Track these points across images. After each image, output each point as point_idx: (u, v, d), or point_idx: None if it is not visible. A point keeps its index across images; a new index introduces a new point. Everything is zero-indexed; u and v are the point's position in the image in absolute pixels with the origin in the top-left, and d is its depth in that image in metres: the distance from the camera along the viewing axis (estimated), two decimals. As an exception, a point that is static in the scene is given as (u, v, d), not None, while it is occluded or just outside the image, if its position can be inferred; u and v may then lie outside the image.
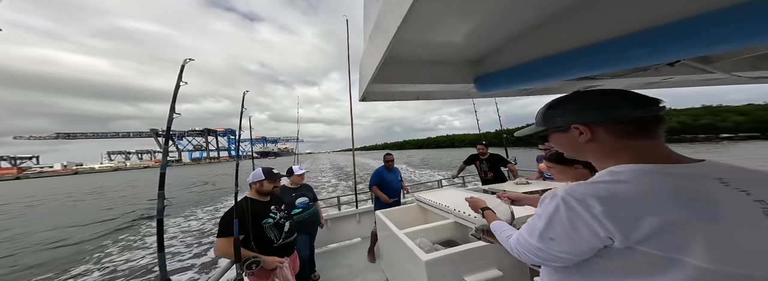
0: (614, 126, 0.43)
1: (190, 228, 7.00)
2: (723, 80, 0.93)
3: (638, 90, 0.45)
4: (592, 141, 0.45)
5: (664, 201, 0.35)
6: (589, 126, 0.45)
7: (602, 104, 0.44)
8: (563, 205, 0.40)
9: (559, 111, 0.49)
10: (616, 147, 0.44)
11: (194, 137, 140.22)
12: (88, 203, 13.21)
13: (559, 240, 0.41)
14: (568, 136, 0.48)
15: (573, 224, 0.39)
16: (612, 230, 0.36)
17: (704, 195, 0.35)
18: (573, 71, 0.59)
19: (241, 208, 1.29)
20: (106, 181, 32.79)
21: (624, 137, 0.43)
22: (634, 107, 0.42)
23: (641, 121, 0.42)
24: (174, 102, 0.89)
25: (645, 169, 0.39)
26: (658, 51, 0.45)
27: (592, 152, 0.47)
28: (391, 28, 0.43)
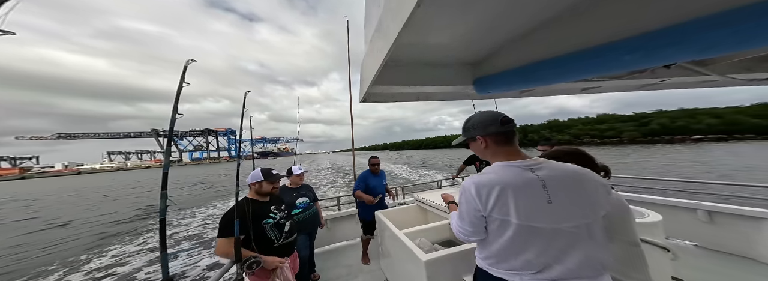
0: (494, 137, 0.71)
1: (190, 226, 7.01)
2: (718, 81, 0.94)
3: (635, 92, 0.48)
4: (487, 147, 0.72)
5: (500, 183, 0.62)
6: (484, 137, 0.72)
7: (488, 121, 0.71)
8: (463, 190, 0.68)
9: (471, 126, 0.75)
10: (495, 151, 0.72)
11: (195, 138, 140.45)
12: (123, 200, 14.13)
13: (465, 217, 0.68)
14: (477, 144, 0.74)
15: (468, 201, 0.66)
16: (479, 204, 0.63)
17: (519, 179, 0.63)
18: (569, 75, 0.60)
19: (242, 208, 1.29)
20: (116, 180, 33.10)
21: (496, 144, 0.71)
22: (500, 125, 0.69)
23: (502, 134, 0.70)
24: (177, 103, 0.90)
25: (501, 164, 0.68)
26: (649, 56, 0.47)
27: (488, 153, 0.73)
28: (392, 32, 0.44)
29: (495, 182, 0.62)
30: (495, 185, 0.62)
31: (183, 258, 4.86)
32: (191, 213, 8.70)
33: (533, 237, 0.59)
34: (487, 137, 0.71)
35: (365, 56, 0.77)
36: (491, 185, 0.62)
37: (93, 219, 9.11)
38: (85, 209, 11.25)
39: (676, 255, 1.00)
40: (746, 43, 0.36)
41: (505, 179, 0.62)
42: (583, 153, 0.81)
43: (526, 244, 0.60)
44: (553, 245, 0.58)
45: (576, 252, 0.58)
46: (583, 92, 1.10)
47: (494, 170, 0.67)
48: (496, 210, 0.61)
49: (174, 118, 0.89)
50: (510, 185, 0.61)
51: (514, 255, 0.61)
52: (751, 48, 0.35)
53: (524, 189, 0.61)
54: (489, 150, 0.72)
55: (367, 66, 0.74)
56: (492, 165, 0.69)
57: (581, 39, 0.55)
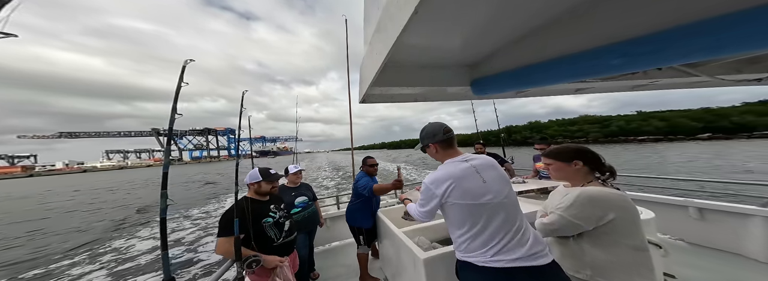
0: (438, 144, 0.95)
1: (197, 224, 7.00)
2: (708, 82, 0.97)
3: (627, 92, 0.50)
4: (437, 152, 0.97)
5: (448, 175, 0.87)
6: (433, 144, 0.97)
7: (435, 132, 0.95)
8: (423, 185, 0.92)
9: (424, 137, 0.99)
10: (443, 154, 0.96)
11: (194, 137, 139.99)
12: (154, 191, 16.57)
13: (426, 204, 0.93)
14: (431, 149, 0.98)
15: (426, 192, 0.91)
16: (435, 191, 0.87)
17: (459, 170, 0.88)
18: (562, 77, 0.62)
19: (241, 207, 1.30)
20: (125, 178, 33.73)
21: (443, 149, 0.96)
22: (442, 134, 0.94)
23: (445, 140, 0.95)
24: (176, 103, 0.90)
25: (446, 162, 0.94)
26: (636, 61, 0.49)
27: (439, 157, 0.97)
28: (391, 35, 0.45)
29: (447, 176, 0.86)
30: (447, 178, 0.86)
31: (185, 256, 4.87)
32: (205, 211, 8.75)
33: (479, 211, 0.82)
34: (436, 144, 0.95)
35: (365, 58, 0.78)
36: (445, 179, 0.86)
37: (134, 202, 11.84)
38: (125, 197, 13.89)
39: (668, 252, 1.03)
40: (727, 49, 0.38)
41: (453, 172, 0.87)
42: (588, 150, 0.83)
43: (480, 218, 0.81)
44: (493, 215, 0.81)
45: (511, 217, 0.82)
46: (577, 93, 1.12)
47: (444, 167, 0.92)
48: (451, 196, 0.84)
49: (173, 117, 0.89)
50: (457, 175, 0.86)
51: (476, 230, 0.82)
52: (732, 54, 0.37)
53: (468, 177, 0.86)
54: (439, 154, 0.97)
55: (367, 67, 0.75)
56: (442, 165, 0.94)
57: (573, 43, 0.57)
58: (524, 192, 2.20)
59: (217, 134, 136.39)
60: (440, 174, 0.88)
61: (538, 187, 2.28)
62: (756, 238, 1.70)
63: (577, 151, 0.82)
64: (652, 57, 0.45)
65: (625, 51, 0.48)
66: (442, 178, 0.86)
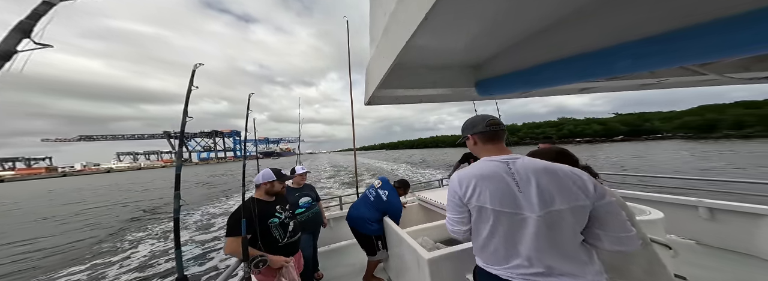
0: (480, 135, 0.80)
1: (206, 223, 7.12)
2: (717, 80, 0.95)
3: (635, 91, 0.50)
4: (475, 144, 0.83)
5: (473, 173, 0.73)
6: (472, 136, 0.82)
7: (476, 123, 0.81)
8: (451, 182, 0.78)
9: (464, 127, 0.86)
10: (481, 149, 0.81)
11: (203, 138, 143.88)
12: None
13: (449, 204, 0.78)
14: (469, 142, 0.85)
15: (452, 191, 0.76)
16: (461, 194, 0.73)
17: (495, 172, 0.71)
18: (569, 77, 0.62)
19: (248, 208, 1.32)
20: (148, 177, 36.84)
21: (482, 142, 0.81)
22: (485, 126, 0.79)
23: (486, 133, 0.79)
24: (186, 106, 0.92)
25: (483, 159, 0.77)
26: (644, 61, 0.49)
27: (477, 151, 0.83)
28: (400, 40, 0.46)
29: (475, 174, 0.72)
30: (475, 176, 0.72)
31: (198, 254, 4.93)
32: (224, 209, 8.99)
33: (506, 222, 0.67)
34: (475, 135, 0.82)
35: (371, 60, 0.79)
36: (471, 177, 0.73)
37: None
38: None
39: (677, 253, 1.02)
40: (736, 49, 0.38)
41: (483, 171, 0.72)
42: (568, 152, 0.83)
43: (503, 230, 0.67)
44: (525, 232, 0.64)
45: (545, 240, 0.62)
46: (582, 92, 1.11)
47: (478, 164, 0.77)
48: (474, 199, 0.70)
49: (185, 120, 0.91)
50: (487, 176, 0.71)
51: (495, 242, 0.69)
52: (741, 54, 0.37)
53: (498, 180, 0.70)
54: (477, 147, 0.83)
55: (373, 70, 0.76)
56: (478, 161, 0.79)
57: (580, 44, 0.57)
58: None
59: (224, 136, 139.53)
60: (466, 171, 0.74)
61: None
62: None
63: (559, 153, 0.83)
64: (661, 57, 0.45)
65: (633, 51, 0.48)
66: (466, 175, 0.72)
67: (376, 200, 2.01)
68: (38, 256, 5.74)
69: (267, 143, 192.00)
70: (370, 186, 2.15)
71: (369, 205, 2.02)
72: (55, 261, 5.32)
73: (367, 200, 2.06)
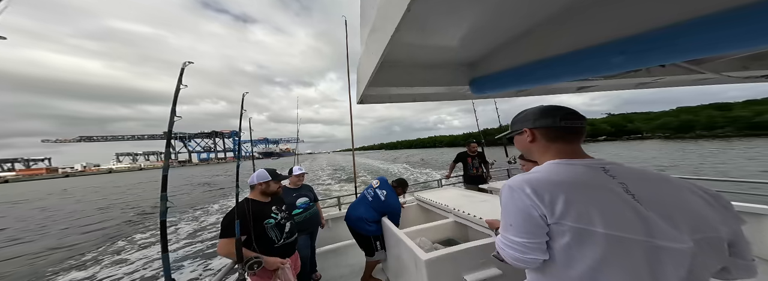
0: (545, 131, 0.59)
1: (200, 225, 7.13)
2: (714, 79, 0.94)
3: (631, 90, 0.49)
4: (533, 141, 0.61)
5: (567, 184, 0.48)
6: (532, 130, 0.60)
7: (542, 114, 0.59)
8: (509, 192, 0.52)
9: (519, 118, 0.64)
10: (546, 147, 0.59)
11: (203, 139, 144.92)
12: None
13: (516, 224, 0.50)
14: (522, 137, 0.63)
15: (517, 205, 0.50)
16: (541, 207, 0.47)
17: (594, 180, 0.49)
18: (562, 75, 0.61)
19: (242, 209, 1.30)
20: (150, 177, 39.06)
21: (550, 140, 0.58)
22: (560, 119, 0.57)
23: (562, 129, 0.57)
24: (175, 105, 0.91)
25: (556, 162, 0.55)
26: (639, 58, 0.48)
27: (533, 150, 0.62)
28: (385, 34, 0.45)
29: (559, 182, 0.48)
30: (561, 185, 0.47)
31: (188, 257, 4.92)
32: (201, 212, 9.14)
33: (628, 253, 0.41)
34: (538, 130, 0.58)
35: (361, 58, 0.77)
36: (555, 185, 0.47)
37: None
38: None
39: None
40: (728, 46, 0.37)
41: (573, 178, 0.48)
42: None
43: (626, 265, 0.41)
44: (662, 269, 0.40)
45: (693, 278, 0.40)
46: (579, 91, 1.10)
47: (547, 169, 0.53)
48: (571, 217, 0.43)
49: (172, 120, 0.90)
50: (581, 185, 0.46)
51: (608, 279, 0.41)
52: (734, 51, 0.36)
53: (602, 192, 0.45)
54: (536, 145, 0.59)
55: (363, 68, 0.74)
56: (543, 164, 0.56)
57: (573, 40, 0.56)
58: None
59: (224, 137, 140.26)
60: (543, 177, 0.50)
61: None
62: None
63: None
64: (652, 54, 0.44)
65: (624, 49, 0.47)
66: (544, 183, 0.48)
67: (374, 201, 1.99)
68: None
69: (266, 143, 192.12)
70: (368, 186, 2.12)
71: (367, 205, 2.00)
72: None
73: (365, 200, 2.04)
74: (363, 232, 1.97)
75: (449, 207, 1.73)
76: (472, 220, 1.48)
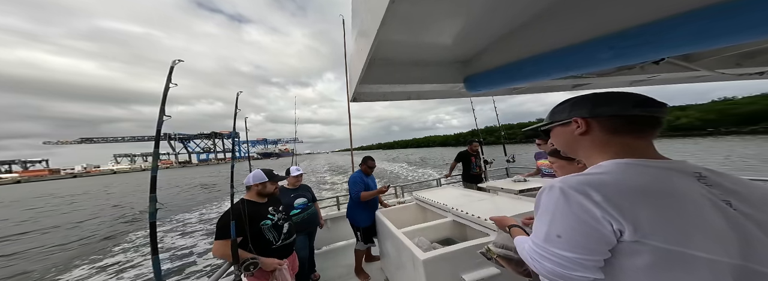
0: (608, 121, 0.46)
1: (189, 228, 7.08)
2: (708, 77, 0.94)
3: (625, 88, 0.49)
4: (585, 134, 0.48)
5: (650, 192, 0.37)
6: (586, 119, 0.47)
7: (605, 100, 0.46)
8: (562, 196, 0.40)
9: (565, 106, 0.51)
10: (606, 142, 0.46)
11: (202, 140, 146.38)
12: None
13: (567, 237, 0.39)
14: (567, 129, 0.50)
15: (576, 214, 0.38)
16: (618, 220, 0.36)
17: (686, 189, 0.38)
18: (553, 71, 0.60)
19: (238, 210, 1.29)
20: (166, 176, 39.44)
21: (614, 132, 0.45)
22: (632, 106, 0.44)
23: (634, 119, 0.44)
24: (164, 104, 0.89)
25: (629, 162, 0.42)
26: (622, 54, 0.47)
27: (584, 145, 0.49)
28: (371, 30, 0.44)
29: (642, 189, 0.37)
30: (646, 193, 0.36)
31: (181, 260, 4.88)
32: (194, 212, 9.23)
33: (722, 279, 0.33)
34: (595, 119, 0.45)
35: (352, 55, 0.76)
36: (637, 192, 0.36)
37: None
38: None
39: None
40: (717, 40, 0.36)
41: (661, 185, 0.37)
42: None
43: None
44: None
45: None
46: (574, 89, 1.10)
47: (615, 169, 0.40)
48: (660, 235, 0.34)
49: (161, 119, 0.88)
50: (672, 195, 0.36)
51: None
52: (723, 45, 0.36)
53: (701, 206, 0.35)
54: (589, 139, 0.47)
55: (354, 65, 0.73)
56: (602, 164, 0.43)
57: (563, 35, 0.55)
58: (526, 191, 2.18)
59: (223, 138, 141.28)
60: (616, 179, 0.39)
61: (540, 185, 2.26)
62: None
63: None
64: (640, 50, 0.43)
65: (611, 44, 0.46)
66: (616, 189, 0.38)
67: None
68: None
69: (266, 143, 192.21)
70: None
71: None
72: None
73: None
74: (348, 219, 2.20)
75: (448, 206, 1.73)
76: (470, 219, 1.48)
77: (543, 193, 0.45)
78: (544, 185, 0.46)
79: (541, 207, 0.44)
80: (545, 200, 0.43)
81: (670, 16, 0.40)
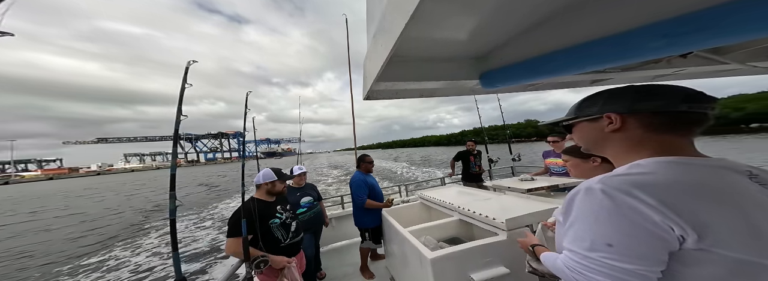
0: (649, 117, 0.41)
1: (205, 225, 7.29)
2: (738, 70, 0.90)
3: (647, 83, 0.45)
4: (619, 131, 0.43)
5: (714, 193, 0.33)
6: (622, 115, 0.42)
7: (646, 94, 0.41)
8: (606, 198, 0.35)
9: (595, 101, 0.46)
10: (643, 140, 0.41)
11: (209, 140, 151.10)
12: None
13: (621, 245, 0.33)
14: (596, 125, 0.46)
15: (630, 219, 0.33)
16: (680, 225, 0.31)
17: (744, 189, 0.34)
18: (582, 65, 0.57)
19: (248, 208, 1.30)
20: (184, 173, 41.51)
21: (654, 129, 0.41)
22: (680, 101, 0.39)
23: (680, 116, 0.40)
24: (180, 104, 0.90)
25: (673, 160, 0.37)
26: (674, 43, 0.43)
27: (615, 143, 0.44)
28: (397, 27, 0.43)
29: (699, 189, 0.33)
30: (705, 194, 0.33)
31: (198, 255, 5.01)
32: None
33: None
34: (634, 116, 0.41)
35: (368, 53, 0.75)
36: (695, 194, 0.33)
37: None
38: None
39: None
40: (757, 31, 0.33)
41: (717, 185, 0.34)
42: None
43: None
44: None
45: None
46: (593, 85, 1.06)
47: (661, 169, 0.36)
48: (732, 243, 0.31)
49: (179, 119, 0.89)
50: (733, 195, 0.33)
51: None
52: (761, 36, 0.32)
53: (765, 206, 0.33)
54: (623, 137, 0.43)
55: (371, 63, 0.72)
56: (643, 162, 0.39)
57: (597, 27, 0.52)
58: (534, 190, 2.14)
59: (229, 138, 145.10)
60: (666, 180, 0.35)
61: (548, 184, 2.21)
62: None
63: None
64: (694, 37, 0.39)
65: (648, 35, 0.42)
66: (681, 188, 0.34)
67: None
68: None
69: (269, 143, 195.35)
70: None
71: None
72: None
73: None
74: (354, 221, 2.18)
75: (454, 205, 1.71)
76: (478, 218, 1.46)
77: (577, 196, 0.39)
78: (579, 186, 0.40)
79: (576, 212, 0.38)
80: (583, 203, 0.38)
81: (715, 5, 0.37)
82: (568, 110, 0.52)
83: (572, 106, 0.51)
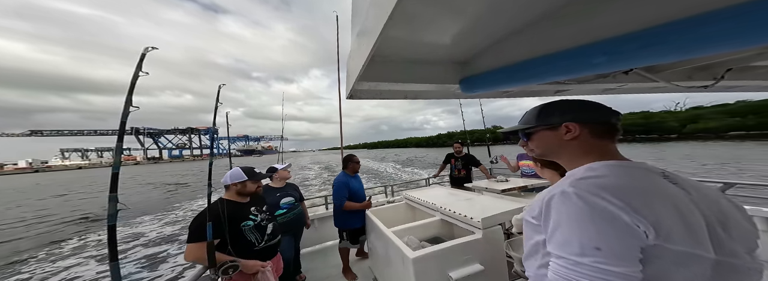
0: (595, 127, 0.49)
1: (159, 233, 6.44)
2: (665, 88, 1.07)
3: (597, 95, 0.52)
4: (575, 139, 0.50)
5: (656, 193, 0.37)
6: (579, 124, 0.49)
7: (589, 107, 0.51)
8: (580, 202, 0.37)
9: (554, 110, 0.53)
10: (592, 146, 0.49)
11: (176, 135, 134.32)
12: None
13: (610, 248, 0.34)
14: (555, 134, 0.52)
15: (608, 221, 0.35)
16: (645, 223, 0.34)
17: (669, 187, 0.39)
18: (545, 76, 0.64)
19: (215, 210, 1.19)
20: (130, 173, 36.12)
21: (599, 137, 0.49)
22: (609, 114, 0.50)
23: (611, 126, 0.50)
24: (130, 94, 0.78)
25: (615, 164, 0.44)
26: (613, 60, 0.50)
27: (570, 149, 0.51)
28: (377, 26, 0.43)
29: (646, 189, 0.37)
30: (651, 194, 0.37)
31: (146, 265, 4.43)
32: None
33: (724, 278, 0.35)
34: (587, 125, 0.48)
35: (351, 51, 0.74)
36: (647, 193, 0.37)
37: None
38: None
39: None
40: (710, 47, 0.38)
41: (654, 185, 0.38)
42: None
43: None
44: None
45: None
46: (556, 95, 1.18)
47: (612, 172, 0.41)
48: (677, 237, 0.34)
49: (127, 111, 0.77)
50: (665, 194, 0.37)
51: None
52: (714, 52, 0.39)
53: (687, 204, 0.37)
54: (576, 143, 0.48)
55: (354, 61, 0.71)
56: (594, 166, 0.44)
57: (558, 40, 0.58)
58: (508, 191, 2.32)
59: (201, 134, 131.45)
60: (621, 182, 0.39)
61: (522, 185, 2.41)
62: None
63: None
64: (636, 55, 0.46)
65: (607, 50, 0.49)
66: (636, 189, 0.38)
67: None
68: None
69: (247, 140, 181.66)
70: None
71: None
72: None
73: None
74: (337, 225, 2.18)
75: (436, 206, 1.77)
76: (457, 218, 1.53)
77: (552, 200, 0.40)
78: (547, 191, 0.44)
79: (556, 216, 0.39)
80: (560, 208, 0.39)
81: (670, 21, 0.41)
82: (522, 119, 0.58)
83: (526, 115, 0.57)
